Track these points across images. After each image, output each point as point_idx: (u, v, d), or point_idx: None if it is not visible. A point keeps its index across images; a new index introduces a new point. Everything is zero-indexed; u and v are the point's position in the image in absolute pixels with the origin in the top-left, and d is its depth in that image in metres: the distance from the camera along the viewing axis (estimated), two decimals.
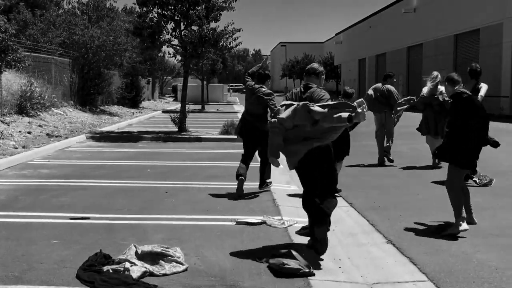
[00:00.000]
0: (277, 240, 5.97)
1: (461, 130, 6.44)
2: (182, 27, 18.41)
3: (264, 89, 8.60)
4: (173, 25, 18.45)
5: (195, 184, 9.38)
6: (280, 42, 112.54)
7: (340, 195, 8.39)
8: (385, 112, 12.19)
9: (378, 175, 10.64)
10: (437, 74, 10.90)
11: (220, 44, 18.44)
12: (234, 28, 18.44)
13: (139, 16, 18.76)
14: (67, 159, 12.45)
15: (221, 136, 17.46)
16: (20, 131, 15.95)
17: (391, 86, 12.26)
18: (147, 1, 17.97)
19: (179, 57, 19.69)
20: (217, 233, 6.21)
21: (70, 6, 34.06)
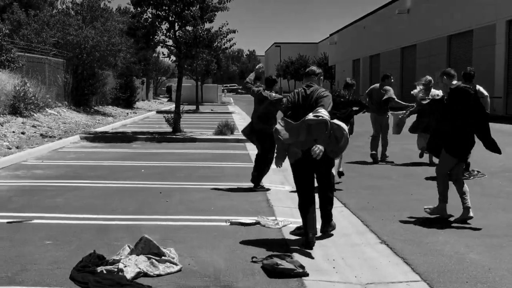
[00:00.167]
0: (271, 240, 5.98)
1: (462, 126, 6.88)
2: (176, 28, 18.40)
3: (274, 94, 9.01)
4: (168, 26, 18.44)
5: (190, 184, 9.38)
6: (274, 42, 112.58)
7: (334, 195, 8.40)
8: (383, 114, 12.56)
9: (371, 175, 10.66)
10: (430, 79, 11.45)
11: (214, 44, 18.44)
12: (228, 29, 18.46)
13: (133, 16, 18.74)
14: (61, 160, 12.43)
15: (216, 136, 17.47)
16: (13, 132, 15.90)
17: (389, 86, 12.62)
18: (141, 1, 17.95)
19: (173, 58, 19.67)
20: (211, 234, 6.21)
21: (64, 6, 34.00)
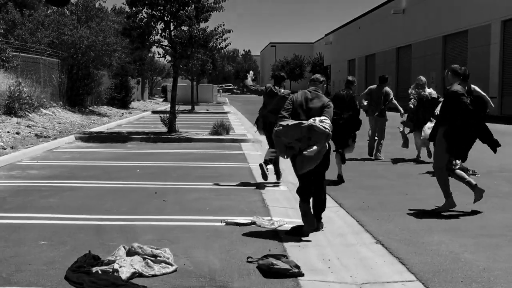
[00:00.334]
0: (267, 240, 5.98)
1: (461, 126, 7.24)
2: (171, 28, 18.37)
3: (283, 90, 9.56)
4: (163, 26, 18.40)
5: (185, 184, 9.37)
6: (270, 42, 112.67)
7: (329, 195, 8.43)
8: (382, 115, 12.86)
9: (367, 175, 10.67)
10: (425, 80, 12.19)
11: (210, 44, 18.43)
12: (224, 29, 18.44)
13: (128, 16, 18.69)
14: (56, 160, 12.39)
15: (211, 136, 17.45)
16: (8, 132, 15.85)
17: (388, 88, 13.12)
18: (136, 1, 17.91)
19: (168, 58, 19.63)
20: (206, 234, 6.21)
21: None
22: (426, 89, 12.15)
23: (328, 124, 6.12)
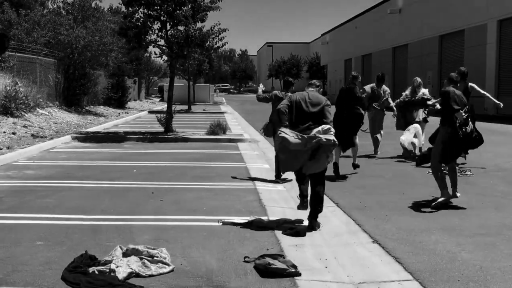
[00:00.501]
0: (264, 240, 5.97)
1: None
2: (168, 27, 18.35)
3: (290, 94, 9.49)
4: (159, 25, 18.38)
5: (182, 184, 9.36)
6: (266, 42, 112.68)
7: (326, 195, 8.44)
8: (374, 109, 13.23)
9: (364, 175, 10.68)
10: (420, 81, 12.89)
11: (206, 44, 18.42)
12: (220, 28, 18.43)
13: (124, 16, 18.67)
14: (53, 160, 12.37)
15: (208, 136, 17.44)
16: (4, 132, 15.81)
17: (385, 86, 13.55)
18: (133, 1, 17.89)
19: (165, 57, 19.62)
20: (203, 234, 6.20)
21: (55, 6, 33.84)
22: (421, 89, 12.77)
23: (332, 132, 6.38)
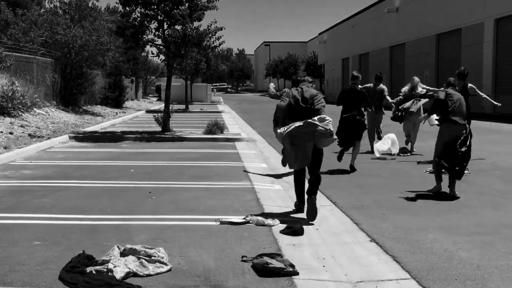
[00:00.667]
0: (261, 239, 5.98)
1: None
2: (165, 27, 18.35)
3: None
4: (156, 25, 18.39)
5: (179, 184, 9.35)
6: (264, 41, 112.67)
7: (324, 194, 8.48)
8: (379, 111, 13.63)
9: (361, 174, 10.69)
10: (418, 80, 13.38)
11: (203, 43, 18.42)
12: (216, 26, 18.43)
13: (122, 16, 18.66)
14: (50, 160, 12.35)
15: (205, 135, 17.44)
16: (1, 132, 15.78)
17: (383, 85, 13.93)
18: (130, 0, 17.88)
19: (162, 57, 19.61)
20: (201, 233, 6.20)
21: (52, 5, 33.75)
22: (419, 88, 13.22)
23: (328, 121, 6.77)
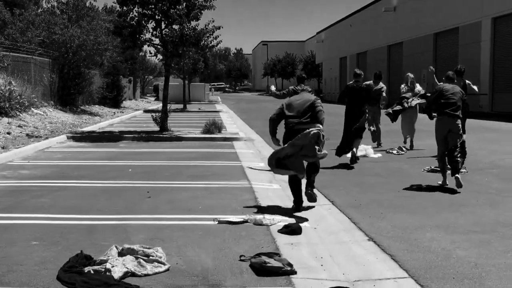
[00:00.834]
0: (259, 239, 5.98)
1: None
2: (163, 26, 18.34)
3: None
4: (154, 24, 18.37)
5: (177, 183, 9.35)
6: (261, 41, 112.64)
7: (322, 193, 8.49)
8: (378, 108, 14.22)
9: (359, 173, 10.70)
10: (412, 76, 13.95)
11: (201, 43, 18.41)
12: (214, 26, 18.42)
13: (119, 15, 18.64)
14: (48, 160, 12.34)
15: (203, 135, 17.43)
16: None
17: (382, 84, 14.38)
18: (127, 0, 17.86)
19: (160, 56, 19.63)
20: (199, 233, 6.20)
21: (49, 5, 33.73)
22: (416, 85, 13.93)
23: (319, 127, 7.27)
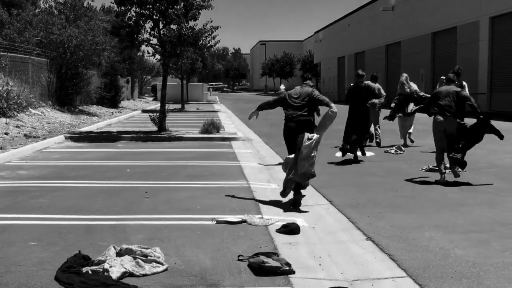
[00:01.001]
0: (258, 238, 5.98)
1: None
2: (160, 26, 18.32)
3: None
4: (152, 24, 18.34)
5: (175, 183, 9.35)
6: (259, 40, 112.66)
7: (320, 193, 8.50)
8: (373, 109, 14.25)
9: (357, 172, 10.70)
10: (406, 76, 14.34)
11: (199, 43, 18.40)
12: (212, 26, 18.42)
13: (117, 15, 18.62)
14: (46, 160, 12.33)
15: (201, 135, 17.43)
16: None
17: (377, 85, 14.69)
18: (125, 0, 17.84)
19: (158, 56, 19.60)
20: (197, 233, 6.20)
21: (47, 5, 33.72)
22: (410, 84, 14.15)
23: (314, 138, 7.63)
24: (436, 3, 36.51)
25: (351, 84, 12.69)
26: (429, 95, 10.27)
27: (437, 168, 9.67)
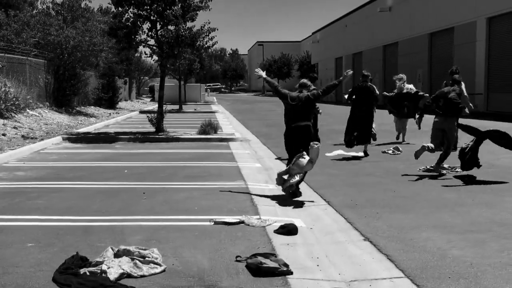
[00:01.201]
0: (256, 239, 5.98)
1: None
2: (158, 27, 18.32)
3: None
4: (149, 25, 18.35)
5: (173, 184, 9.34)
6: (257, 41, 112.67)
7: (318, 193, 8.51)
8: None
9: (355, 173, 10.71)
10: (404, 76, 15.06)
11: (197, 44, 18.41)
12: (209, 27, 18.43)
13: (114, 16, 18.61)
14: (43, 161, 12.31)
15: (199, 136, 17.42)
16: None
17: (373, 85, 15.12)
18: (122, 1, 17.83)
19: (155, 57, 19.58)
20: (195, 234, 6.20)
21: (44, 6, 33.69)
22: (405, 84, 14.77)
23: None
24: (433, 4, 36.57)
25: (359, 84, 13.04)
26: (426, 94, 10.65)
27: (434, 169, 10.01)
